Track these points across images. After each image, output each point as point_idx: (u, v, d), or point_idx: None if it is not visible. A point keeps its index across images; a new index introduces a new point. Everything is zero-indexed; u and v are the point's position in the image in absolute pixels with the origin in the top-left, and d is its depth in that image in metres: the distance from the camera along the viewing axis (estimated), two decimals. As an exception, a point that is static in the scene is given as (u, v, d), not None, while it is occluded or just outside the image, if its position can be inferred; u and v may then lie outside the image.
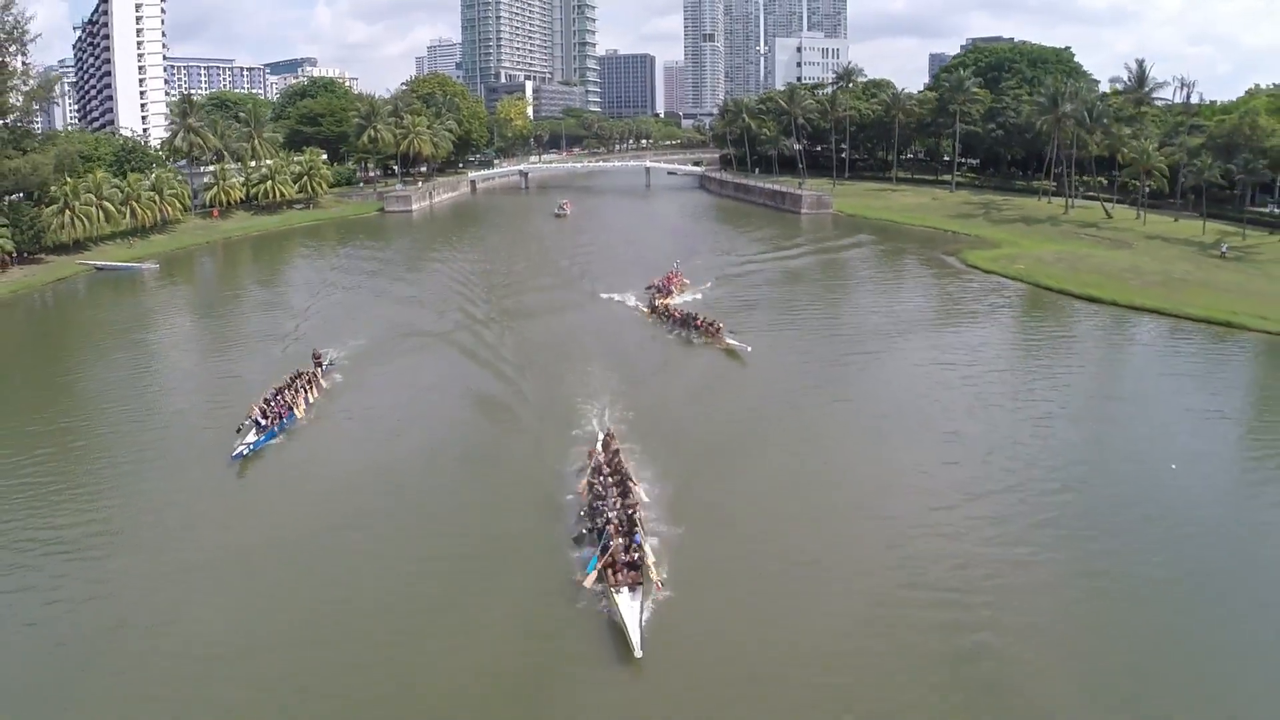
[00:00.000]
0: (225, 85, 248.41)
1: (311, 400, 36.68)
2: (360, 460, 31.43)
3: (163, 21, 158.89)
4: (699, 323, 48.06)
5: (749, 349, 44.52)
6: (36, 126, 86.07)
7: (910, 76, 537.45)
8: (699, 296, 56.93)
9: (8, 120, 74.52)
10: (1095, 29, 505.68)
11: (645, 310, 54.08)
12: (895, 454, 31.36)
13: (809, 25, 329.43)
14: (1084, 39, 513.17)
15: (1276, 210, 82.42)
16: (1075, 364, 44.67)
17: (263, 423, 32.01)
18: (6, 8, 72.86)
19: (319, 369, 40.44)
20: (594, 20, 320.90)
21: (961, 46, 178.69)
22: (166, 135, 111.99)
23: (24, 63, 78.40)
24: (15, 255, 71.43)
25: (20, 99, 75.11)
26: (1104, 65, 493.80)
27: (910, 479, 29.16)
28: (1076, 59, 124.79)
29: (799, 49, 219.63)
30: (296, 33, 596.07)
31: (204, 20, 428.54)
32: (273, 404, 33.55)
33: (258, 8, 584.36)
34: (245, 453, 30.38)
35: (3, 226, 70.28)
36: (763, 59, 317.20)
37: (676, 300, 55.00)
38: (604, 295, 58.20)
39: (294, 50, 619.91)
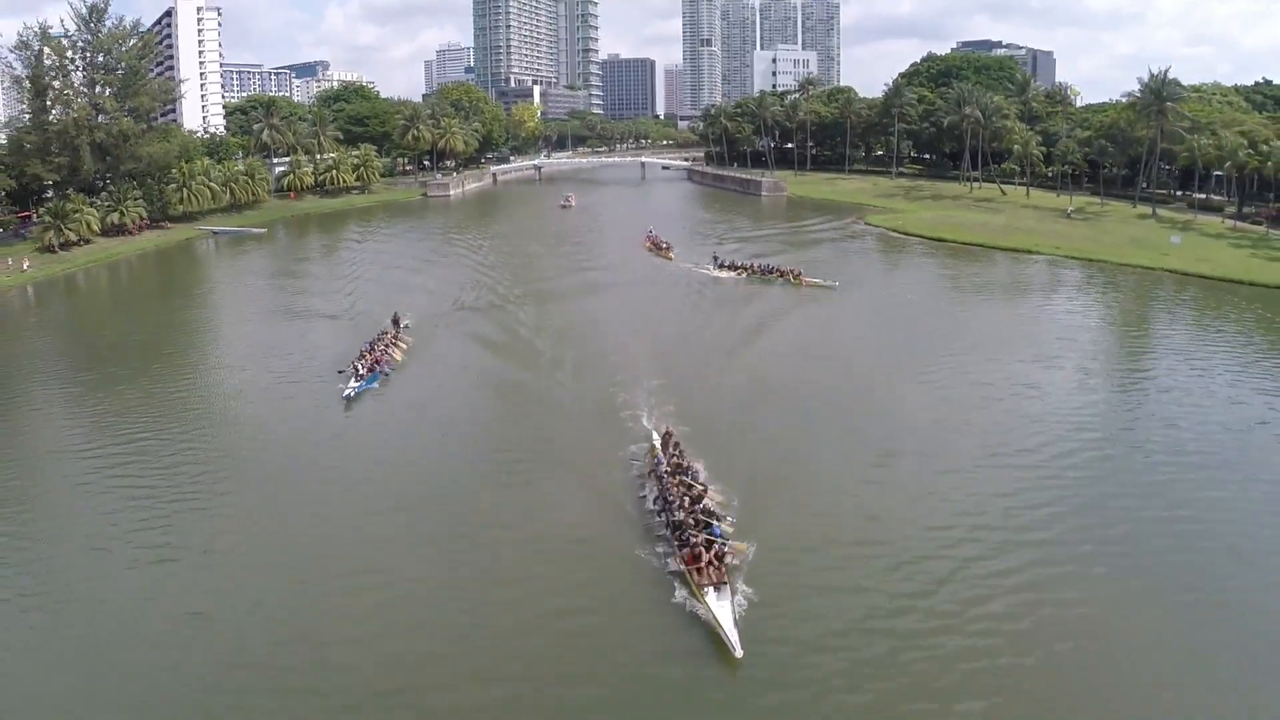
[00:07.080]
0: (255, 88, 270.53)
1: (401, 351, 43.25)
2: (437, 406, 36.99)
3: (219, 31, 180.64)
4: (782, 271, 55.42)
5: (836, 284, 52.42)
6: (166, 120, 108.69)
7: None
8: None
9: (136, 116, 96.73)
10: (1094, 31, 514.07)
11: (713, 269, 60.43)
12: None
13: (803, 31, 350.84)
14: (1083, 41, 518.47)
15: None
16: (889, 271, 67.90)
17: (361, 371, 38.48)
18: (135, 28, 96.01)
19: (398, 329, 46.25)
20: (597, 29, 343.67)
21: (951, 49, 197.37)
22: (226, 130, 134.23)
23: (152, 72, 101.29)
24: (146, 221, 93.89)
25: (146, 100, 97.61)
26: (1100, 68, 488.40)
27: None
28: (1021, 66, 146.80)
29: (774, 60, 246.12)
30: (305, 34, 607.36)
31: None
32: (366, 358, 40.00)
33: (269, 8, 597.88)
34: (352, 395, 36.77)
35: (139, 200, 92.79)
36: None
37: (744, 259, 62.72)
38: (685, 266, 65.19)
39: (301, 51, 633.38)
